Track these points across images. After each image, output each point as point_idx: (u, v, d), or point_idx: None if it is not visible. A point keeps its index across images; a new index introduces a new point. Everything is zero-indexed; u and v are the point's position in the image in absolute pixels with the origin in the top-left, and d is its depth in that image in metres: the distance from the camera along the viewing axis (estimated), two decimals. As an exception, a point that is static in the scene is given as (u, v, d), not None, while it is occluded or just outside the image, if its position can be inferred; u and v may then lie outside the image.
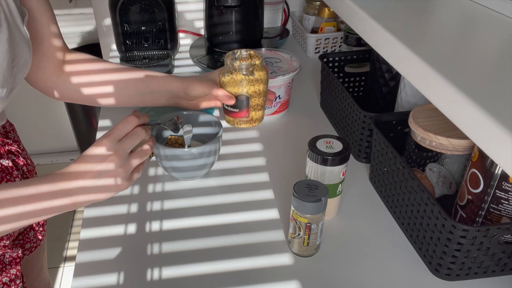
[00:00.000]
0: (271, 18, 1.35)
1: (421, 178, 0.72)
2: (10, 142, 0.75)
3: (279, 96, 0.97)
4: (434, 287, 0.64)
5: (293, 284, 0.64)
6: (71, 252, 1.87)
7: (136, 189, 0.82)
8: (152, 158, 0.89)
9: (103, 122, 1.00)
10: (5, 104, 0.64)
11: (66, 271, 1.79)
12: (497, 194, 0.59)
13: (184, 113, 0.84)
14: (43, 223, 0.85)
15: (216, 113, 1.03)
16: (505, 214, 0.60)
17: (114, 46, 1.33)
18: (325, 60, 1.00)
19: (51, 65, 0.76)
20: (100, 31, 1.36)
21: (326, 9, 1.26)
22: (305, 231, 0.65)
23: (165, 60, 1.20)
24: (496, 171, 0.58)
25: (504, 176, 0.57)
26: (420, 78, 0.42)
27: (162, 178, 0.85)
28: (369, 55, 1.01)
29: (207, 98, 0.79)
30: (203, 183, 0.83)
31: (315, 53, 1.29)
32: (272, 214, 0.76)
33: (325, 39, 1.28)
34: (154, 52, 1.23)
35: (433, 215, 0.62)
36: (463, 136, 0.66)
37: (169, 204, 0.78)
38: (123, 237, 0.72)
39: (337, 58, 1.01)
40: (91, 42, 2.02)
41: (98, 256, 0.69)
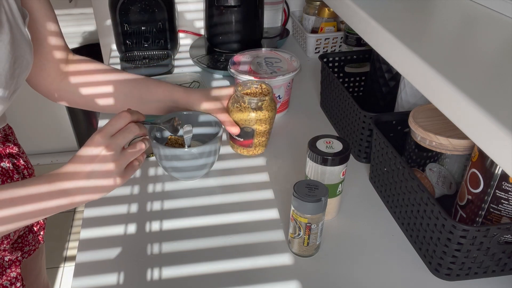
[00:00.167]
0: (271, 18, 1.35)
1: (421, 178, 0.72)
2: (10, 145, 0.75)
3: (279, 96, 0.97)
4: (434, 287, 0.64)
5: (293, 284, 0.64)
6: (71, 252, 1.87)
7: (136, 189, 0.82)
8: (152, 158, 0.89)
9: (103, 122, 1.00)
10: (7, 106, 0.63)
11: (66, 271, 1.79)
12: (497, 194, 0.59)
13: (184, 113, 0.84)
14: (42, 226, 0.84)
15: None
16: (505, 214, 0.60)
17: (114, 46, 1.33)
18: (325, 60, 1.00)
19: (54, 67, 0.76)
20: (100, 31, 1.36)
21: (326, 9, 1.26)
22: (305, 231, 0.65)
23: (165, 60, 1.20)
24: (496, 171, 0.58)
25: (504, 176, 0.57)
26: (420, 78, 0.42)
27: (162, 178, 0.84)
28: (369, 55, 1.01)
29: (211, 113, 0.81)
30: (203, 183, 0.83)
31: (315, 53, 1.29)
32: (272, 214, 0.76)
33: (325, 39, 1.28)
34: (154, 52, 1.23)
35: (433, 215, 0.62)
36: (463, 136, 0.66)
37: (169, 204, 0.78)
38: (123, 237, 0.72)
39: (337, 58, 1.01)
40: (91, 42, 2.02)
41: (98, 256, 0.69)
